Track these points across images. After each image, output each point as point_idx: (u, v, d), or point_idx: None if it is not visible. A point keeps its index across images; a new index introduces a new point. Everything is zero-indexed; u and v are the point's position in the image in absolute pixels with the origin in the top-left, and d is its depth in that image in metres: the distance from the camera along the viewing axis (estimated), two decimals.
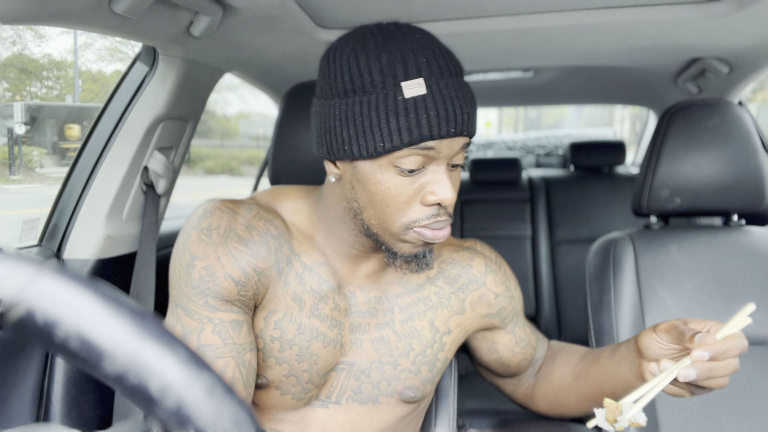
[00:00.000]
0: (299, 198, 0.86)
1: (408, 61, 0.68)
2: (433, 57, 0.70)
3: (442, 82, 0.69)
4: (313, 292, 0.80)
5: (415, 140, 0.67)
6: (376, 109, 0.68)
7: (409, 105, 0.67)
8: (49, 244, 1.18)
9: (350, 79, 0.69)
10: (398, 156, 0.69)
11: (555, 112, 7.63)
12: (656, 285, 1.15)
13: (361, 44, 0.71)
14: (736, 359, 0.72)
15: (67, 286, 0.29)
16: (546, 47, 1.42)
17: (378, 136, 0.68)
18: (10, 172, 1.66)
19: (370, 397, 0.85)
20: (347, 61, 0.70)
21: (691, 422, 1.05)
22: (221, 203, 0.79)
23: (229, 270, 0.74)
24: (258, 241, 0.77)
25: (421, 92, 0.67)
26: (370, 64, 0.69)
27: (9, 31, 1.37)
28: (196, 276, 0.74)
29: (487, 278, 0.91)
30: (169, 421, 0.29)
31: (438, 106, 0.68)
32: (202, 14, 1.02)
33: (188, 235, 0.77)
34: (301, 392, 0.82)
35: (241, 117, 12.26)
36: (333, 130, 0.72)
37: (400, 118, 0.67)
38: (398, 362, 0.84)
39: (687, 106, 1.19)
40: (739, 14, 1.11)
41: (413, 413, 0.91)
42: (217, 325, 0.74)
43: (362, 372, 0.84)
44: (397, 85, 0.67)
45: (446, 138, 0.69)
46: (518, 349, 0.97)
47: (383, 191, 0.71)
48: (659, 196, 1.18)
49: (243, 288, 0.76)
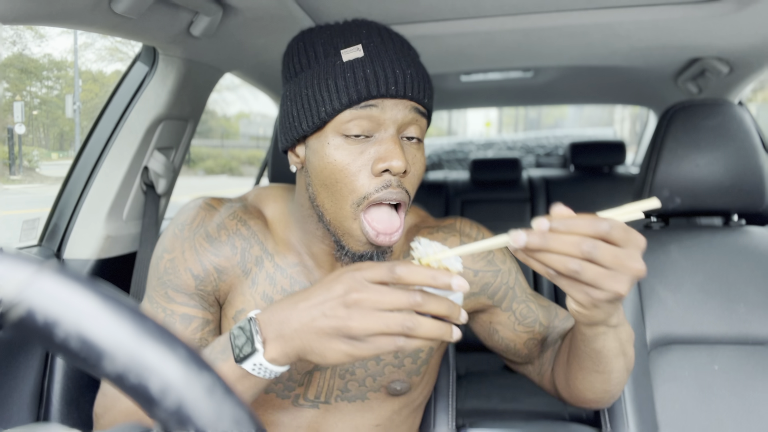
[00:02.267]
0: (280, 198, 0.86)
1: (349, 32, 0.73)
2: (375, 29, 0.74)
3: (381, 47, 0.72)
4: (285, 292, 0.80)
5: (353, 100, 0.69)
6: (317, 78, 0.72)
7: (347, 67, 0.70)
8: (49, 244, 1.18)
9: (298, 60, 0.75)
10: (342, 121, 0.70)
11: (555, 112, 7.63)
12: (656, 285, 1.15)
13: (309, 29, 0.77)
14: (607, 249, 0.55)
15: (67, 286, 0.29)
16: (546, 47, 1.42)
17: (320, 103, 0.71)
18: (10, 172, 1.66)
19: (357, 395, 0.85)
20: (296, 44, 0.76)
21: (691, 422, 1.05)
22: (205, 201, 0.82)
23: (190, 264, 0.78)
24: (224, 241, 0.79)
25: (358, 55, 0.70)
26: (314, 40, 0.74)
27: (9, 31, 1.37)
28: (162, 267, 0.79)
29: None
30: (170, 421, 0.29)
31: (375, 65, 0.70)
32: (202, 14, 1.02)
33: (168, 228, 0.81)
34: (284, 390, 0.82)
35: (241, 117, 12.27)
36: (286, 113, 0.75)
37: (338, 80, 0.70)
38: (380, 357, 0.84)
39: (687, 106, 1.19)
40: (739, 14, 1.11)
41: (406, 408, 0.90)
42: (168, 316, 0.77)
43: (346, 370, 0.84)
44: (338, 54, 0.71)
45: (387, 98, 0.70)
46: (521, 328, 0.88)
47: (334, 163, 0.71)
48: (659, 196, 1.18)
49: (201, 283, 0.78)
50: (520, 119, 9.45)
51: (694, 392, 1.06)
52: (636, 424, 1.03)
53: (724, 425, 1.04)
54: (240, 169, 10.24)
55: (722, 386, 1.06)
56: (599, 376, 0.77)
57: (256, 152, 10.67)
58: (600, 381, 0.78)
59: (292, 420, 0.84)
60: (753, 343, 1.09)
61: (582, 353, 0.75)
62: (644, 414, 1.05)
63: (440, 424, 1.02)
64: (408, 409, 0.91)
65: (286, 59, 0.78)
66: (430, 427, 1.02)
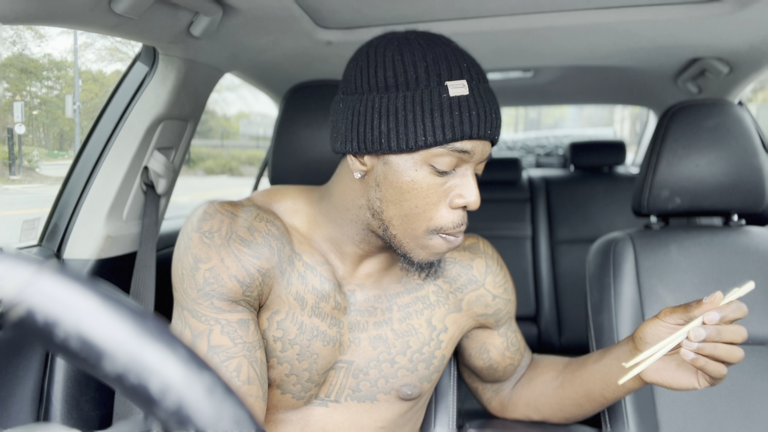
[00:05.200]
0: (297, 197, 0.86)
1: (452, 63, 0.71)
2: (471, 63, 0.73)
3: (480, 87, 0.72)
4: (315, 291, 0.80)
5: (456, 137, 0.69)
6: (420, 104, 0.69)
7: (453, 103, 0.69)
8: (49, 244, 1.18)
9: (393, 75, 0.71)
10: (435, 154, 0.70)
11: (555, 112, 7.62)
12: (656, 285, 1.15)
13: (405, 43, 0.73)
14: (739, 349, 0.73)
15: (67, 286, 0.29)
16: (546, 47, 1.42)
17: (420, 131, 0.69)
18: (10, 172, 1.66)
19: (368, 395, 0.85)
20: (392, 57, 0.72)
21: (691, 422, 1.05)
22: (220, 205, 0.79)
23: (234, 271, 0.75)
24: (261, 242, 0.77)
25: (464, 92, 0.70)
26: (416, 62, 0.71)
27: (9, 31, 1.37)
28: (200, 278, 0.74)
29: (486, 279, 0.92)
30: (169, 421, 0.29)
31: (479, 107, 0.70)
32: (202, 14, 1.02)
33: (189, 237, 0.76)
34: (301, 391, 0.82)
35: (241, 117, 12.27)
36: (369, 123, 0.72)
37: (444, 114, 0.69)
38: (396, 360, 0.85)
39: (687, 106, 1.19)
40: (739, 14, 1.11)
41: (411, 411, 0.91)
42: (225, 326, 0.74)
43: (360, 370, 0.84)
44: (442, 84, 0.70)
45: (482, 140, 0.72)
46: (508, 354, 0.98)
47: (415, 189, 0.72)
48: (659, 196, 1.18)
49: (248, 289, 0.76)
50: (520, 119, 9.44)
51: (694, 392, 1.06)
52: (636, 424, 1.03)
53: (724, 425, 1.04)
54: (240, 169, 10.23)
55: (722, 386, 1.06)
56: (590, 409, 0.94)
57: (256, 152, 10.66)
58: (588, 412, 0.95)
59: (300, 418, 0.84)
60: (753, 343, 1.09)
61: (594, 393, 0.90)
62: (644, 414, 1.05)
63: (441, 424, 1.02)
64: (412, 411, 0.91)
65: (374, 65, 0.73)
66: (431, 426, 1.02)
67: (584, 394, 0.91)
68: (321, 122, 1.09)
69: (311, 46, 1.32)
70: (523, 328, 2.29)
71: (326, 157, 1.08)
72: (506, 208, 2.47)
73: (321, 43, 1.29)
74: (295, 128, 1.12)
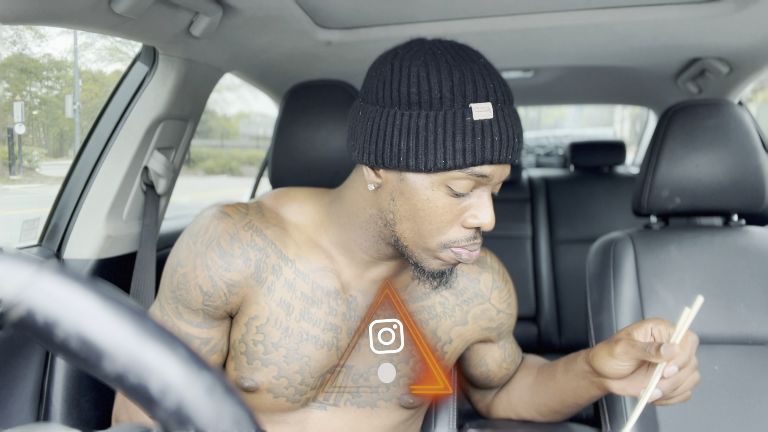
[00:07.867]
0: (307, 200, 0.86)
1: (478, 84, 0.69)
2: (498, 83, 0.71)
3: (505, 109, 0.71)
4: (305, 298, 0.80)
5: (477, 162, 0.68)
6: (443, 126, 0.68)
7: (476, 127, 0.68)
8: (49, 244, 1.18)
9: (417, 91, 0.69)
10: (453, 177, 0.70)
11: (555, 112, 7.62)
12: (656, 285, 1.15)
13: (432, 58, 0.70)
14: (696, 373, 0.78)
15: (67, 286, 0.29)
16: (546, 47, 1.42)
17: (441, 153, 0.68)
18: (10, 172, 1.66)
19: (368, 401, 0.84)
20: (417, 73, 0.70)
21: (691, 422, 1.05)
22: (219, 210, 0.80)
23: (200, 281, 0.77)
24: (237, 254, 0.78)
25: (488, 116, 0.69)
26: (442, 81, 0.68)
27: (9, 31, 1.37)
28: (175, 281, 0.79)
29: (492, 294, 0.92)
30: (170, 421, 0.29)
31: (502, 132, 0.69)
32: (202, 14, 1.02)
33: (182, 238, 0.81)
34: (295, 394, 0.82)
35: (241, 117, 12.26)
36: (389, 138, 0.71)
37: (467, 138, 0.68)
38: (398, 368, 0.84)
39: (687, 106, 1.19)
40: (739, 14, 1.11)
41: (412, 418, 0.91)
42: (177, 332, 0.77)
43: (360, 376, 0.84)
44: (467, 105, 0.68)
45: (502, 164, 0.71)
46: (505, 365, 0.99)
47: (429, 208, 0.71)
48: (659, 196, 1.18)
49: (209, 299, 0.78)
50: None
51: (694, 392, 1.06)
52: (636, 424, 1.03)
53: (724, 425, 1.04)
54: (240, 169, 10.22)
55: (722, 386, 1.06)
56: (568, 413, 0.97)
57: (256, 152, 10.65)
58: (567, 415, 0.98)
59: (298, 420, 0.84)
60: (753, 343, 1.09)
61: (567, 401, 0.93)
62: (644, 414, 1.05)
63: (441, 424, 1.02)
64: (413, 418, 0.91)
65: (398, 78, 0.70)
66: (431, 427, 1.02)
67: (559, 402, 0.94)
68: (321, 122, 1.09)
69: (311, 46, 1.32)
70: (523, 328, 2.29)
71: (326, 157, 1.08)
72: (506, 207, 2.47)
73: (321, 43, 1.29)
74: (295, 128, 1.11)
